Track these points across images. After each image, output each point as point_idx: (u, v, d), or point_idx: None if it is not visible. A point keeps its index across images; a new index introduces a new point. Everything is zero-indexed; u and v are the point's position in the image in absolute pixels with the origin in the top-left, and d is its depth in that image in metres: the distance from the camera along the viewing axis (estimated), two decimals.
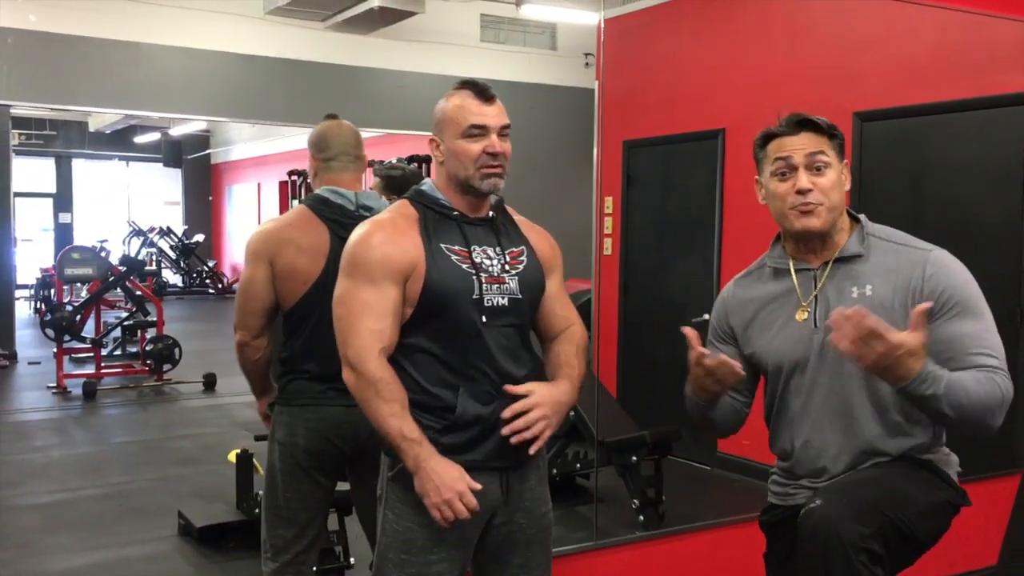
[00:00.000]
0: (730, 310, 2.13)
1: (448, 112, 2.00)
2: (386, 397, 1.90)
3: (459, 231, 2.00)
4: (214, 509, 4.50)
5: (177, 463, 5.88)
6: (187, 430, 6.87)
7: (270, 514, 2.56)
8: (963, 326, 1.86)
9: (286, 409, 2.53)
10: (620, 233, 6.19)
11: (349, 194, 2.54)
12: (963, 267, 1.93)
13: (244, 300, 2.53)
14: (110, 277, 8.65)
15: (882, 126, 4.72)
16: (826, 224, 1.96)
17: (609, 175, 6.14)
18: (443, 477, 1.88)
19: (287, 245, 2.47)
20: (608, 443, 4.37)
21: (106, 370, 8.62)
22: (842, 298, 1.95)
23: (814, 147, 1.95)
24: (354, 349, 1.91)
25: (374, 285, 1.92)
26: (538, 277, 2.07)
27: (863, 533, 1.72)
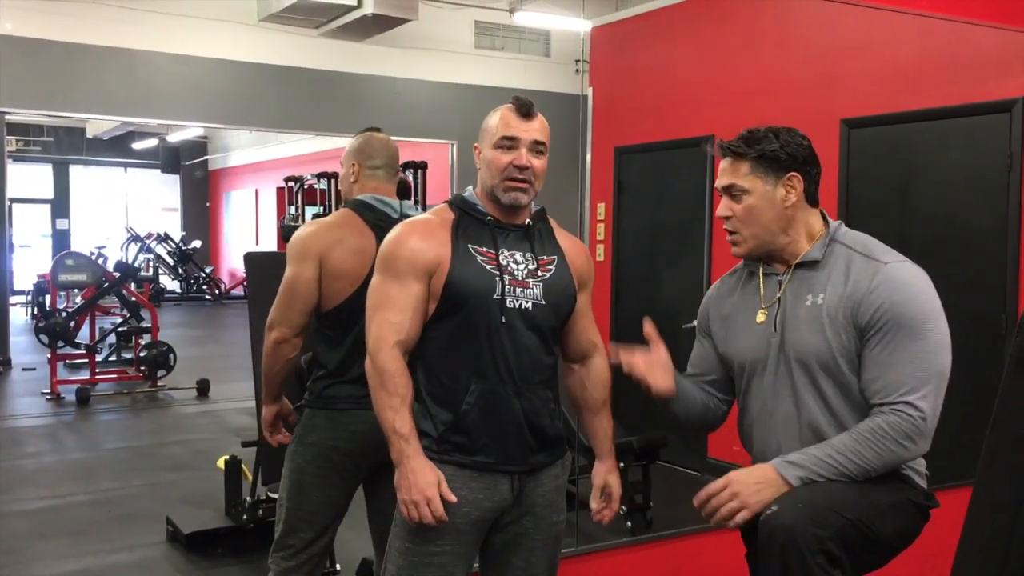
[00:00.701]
0: (710, 308, 2.18)
1: (490, 123, 2.07)
2: (388, 389, 1.96)
3: (489, 235, 2.05)
4: (203, 515, 4.51)
5: (168, 469, 5.89)
6: (179, 436, 6.87)
7: (294, 516, 2.55)
8: (889, 350, 1.85)
9: (324, 412, 2.53)
10: (611, 239, 6.20)
11: (394, 203, 2.60)
12: (919, 282, 1.90)
13: (290, 296, 2.51)
14: (104, 283, 8.65)
15: (869, 133, 4.74)
16: (752, 249, 2.01)
17: (600, 181, 6.16)
18: (418, 478, 1.93)
19: (338, 244, 2.50)
20: None
21: (100, 376, 8.61)
22: (797, 304, 1.97)
23: (726, 178, 2.00)
24: (373, 339, 1.99)
25: (399, 280, 1.99)
26: (567, 287, 2.11)
27: (819, 535, 1.73)
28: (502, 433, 2.01)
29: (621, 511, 4.35)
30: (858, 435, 1.85)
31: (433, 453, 1.99)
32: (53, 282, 8.56)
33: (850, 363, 1.90)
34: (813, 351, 1.92)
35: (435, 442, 2.00)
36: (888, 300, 1.86)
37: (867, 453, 1.83)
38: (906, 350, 1.84)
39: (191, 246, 17.68)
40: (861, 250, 1.97)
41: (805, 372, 1.94)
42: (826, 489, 1.84)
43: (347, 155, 2.67)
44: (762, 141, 1.98)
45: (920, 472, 1.98)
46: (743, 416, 2.11)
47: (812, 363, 1.92)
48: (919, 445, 1.84)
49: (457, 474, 1.99)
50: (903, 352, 1.84)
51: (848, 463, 1.83)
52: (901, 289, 1.87)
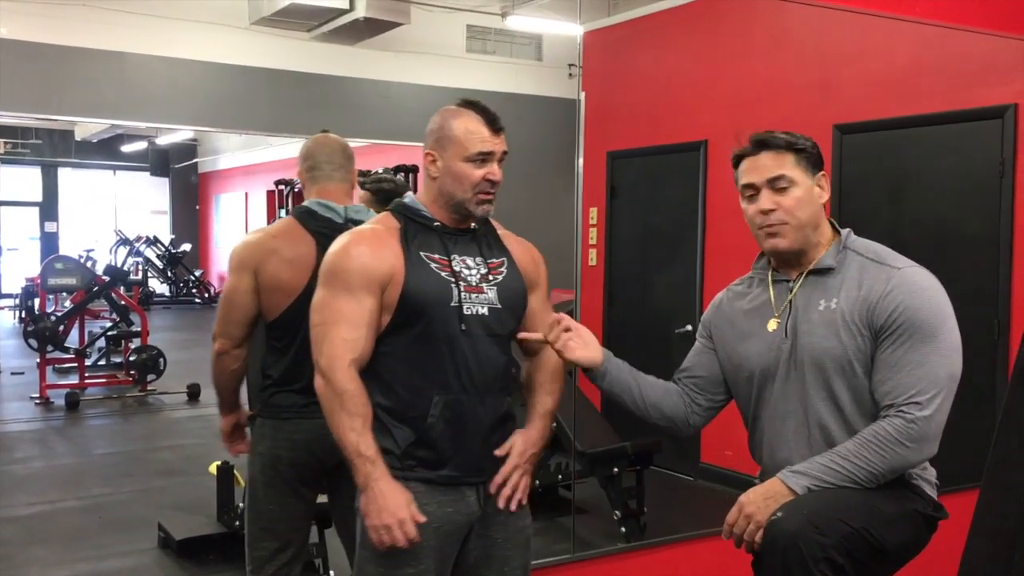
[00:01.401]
0: (717, 314, 2.17)
1: (455, 132, 1.99)
2: (349, 410, 1.89)
3: (439, 241, 2.01)
4: (194, 521, 4.48)
5: (159, 475, 5.86)
6: (170, 441, 6.84)
7: (253, 527, 2.56)
8: (907, 353, 1.84)
9: (269, 422, 2.52)
10: (604, 244, 6.20)
11: (338, 207, 2.54)
12: (932, 288, 1.90)
13: (227, 309, 2.52)
14: (94, 287, 8.61)
15: (861, 138, 4.75)
16: (794, 243, 1.97)
17: (593, 186, 6.16)
18: (388, 501, 1.87)
19: (271, 256, 2.47)
20: (589, 454, 4.37)
21: (89, 380, 8.56)
22: (809, 310, 1.97)
23: (774, 170, 1.96)
24: (326, 357, 1.91)
25: (351, 295, 1.92)
26: (519, 288, 2.08)
27: (823, 543, 1.72)
28: (467, 444, 1.98)
29: (615, 516, 4.35)
30: (863, 440, 1.84)
31: (396, 470, 1.93)
32: (42, 286, 8.51)
33: (864, 367, 1.90)
34: (829, 354, 1.91)
35: (398, 458, 1.93)
36: (903, 303, 1.87)
37: (872, 457, 1.82)
38: (918, 353, 1.84)
39: (180, 249, 17.61)
40: (873, 257, 1.97)
41: (819, 376, 1.93)
42: (831, 496, 1.83)
43: (298, 161, 2.66)
44: (797, 138, 1.98)
45: (930, 482, 1.97)
46: (753, 425, 2.09)
47: (827, 366, 1.92)
48: (924, 448, 1.84)
49: (423, 490, 1.94)
50: (914, 355, 1.84)
51: (854, 468, 1.83)
52: (916, 293, 1.88)
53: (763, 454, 2.06)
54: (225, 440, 2.72)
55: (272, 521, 2.52)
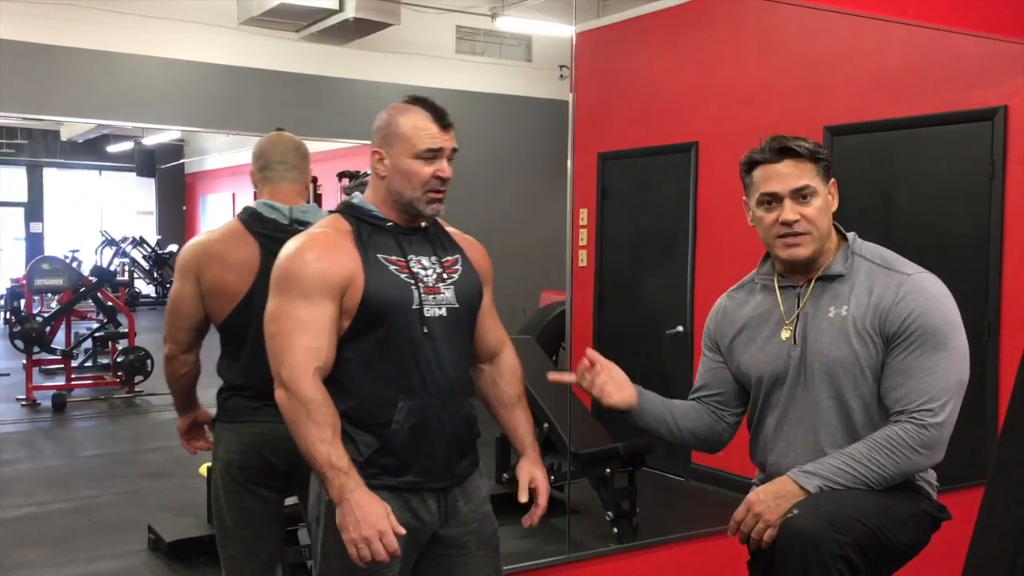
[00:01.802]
0: (719, 322, 2.15)
1: (402, 129, 1.94)
2: (318, 420, 1.82)
3: (394, 241, 1.96)
4: (184, 523, 4.46)
5: (148, 476, 5.82)
6: (158, 443, 6.79)
7: (220, 534, 2.53)
8: (919, 360, 1.85)
9: (225, 426, 2.50)
10: (595, 245, 6.21)
11: (283, 208, 2.48)
12: (942, 293, 1.91)
13: (172, 315, 2.50)
14: (81, 288, 8.55)
15: (852, 140, 4.77)
16: (813, 252, 1.96)
17: (583, 187, 6.16)
18: (366, 513, 1.79)
19: (212, 260, 2.43)
20: (582, 455, 4.37)
21: (76, 382, 8.51)
22: (819, 316, 1.96)
23: (798, 180, 1.93)
24: (288, 368, 1.84)
25: (309, 301, 1.85)
26: (475, 285, 2.06)
27: (841, 541, 1.73)
28: (431, 450, 1.94)
29: (607, 516, 4.35)
30: (874, 443, 1.85)
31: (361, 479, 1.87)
32: (28, 286, 8.45)
33: (874, 374, 1.90)
34: (840, 362, 1.92)
35: (361, 467, 1.87)
36: (916, 310, 1.87)
37: (884, 460, 1.83)
38: (929, 360, 1.85)
39: (167, 250, 17.51)
40: (882, 262, 1.97)
41: (829, 384, 1.93)
42: (845, 496, 1.83)
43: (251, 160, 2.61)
44: (818, 147, 1.97)
45: (932, 484, 1.99)
46: (757, 430, 2.09)
47: (838, 374, 1.92)
48: (935, 454, 1.85)
49: (387, 497, 1.88)
50: (926, 362, 1.85)
51: (865, 471, 1.83)
52: (928, 300, 1.88)
53: (767, 459, 2.06)
54: (182, 438, 2.71)
55: (235, 527, 2.49)
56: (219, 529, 2.53)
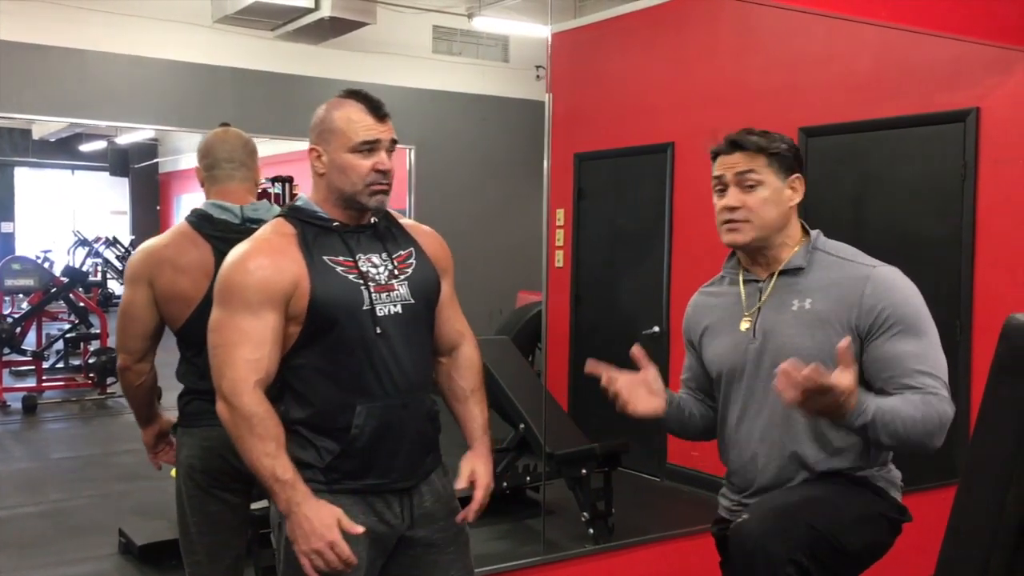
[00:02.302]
0: (692, 318, 2.17)
1: (336, 123, 1.90)
2: (260, 434, 1.78)
3: (341, 242, 1.91)
4: (156, 526, 4.41)
5: (119, 479, 5.75)
6: (130, 445, 6.69)
7: (184, 540, 2.50)
8: (903, 345, 1.86)
9: (186, 431, 2.46)
10: (571, 245, 6.20)
11: (234, 207, 2.42)
12: (909, 284, 1.94)
13: (124, 323, 2.43)
14: (52, 288, 8.45)
15: (826, 141, 4.79)
16: (752, 240, 1.98)
17: (560, 187, 6.16)
18: (314, 524, 1.77)
19: (164, 266, 2.38)
20: (558, 456, 4.37)
21: (47, 383, 8.40)
22: (781, 310, 1.98)
23: (743, 166, 1.97)
24: (228, 381, 1.80)
25: (251, 312, 1.81)
26: (431, 277, 2.02)
27: (789, 546, 1.73)
28: (393, 450, 1.91)
29: (583, 517, 4.34)
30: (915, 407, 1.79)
31: (321, 484, 1.85)
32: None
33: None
34: (802, 354, 1.89)
35: (321, 472, 1.86)
36: (887, 301, 1.88)
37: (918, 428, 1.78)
38: (916, 345, 1.86)
39: None
40: (846, 256, 1.99)
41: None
42: (798, 499, 1.84)
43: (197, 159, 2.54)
44: (773, 139, 1.99)
45: (895, 483, 1.99)
46: (721, 426, 2.10)
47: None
48: (945, 432, 1.83)
49: (349, 502, 1.86)
50: (911, 347, 1.86)
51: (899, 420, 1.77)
52: (896, 290, 1.91)
53: (730, 455, 2.07)
54: (149, 453, 2.66)
55: (199, 533, 2.45)
56: (183, 535, 2.50)
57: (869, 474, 1.96)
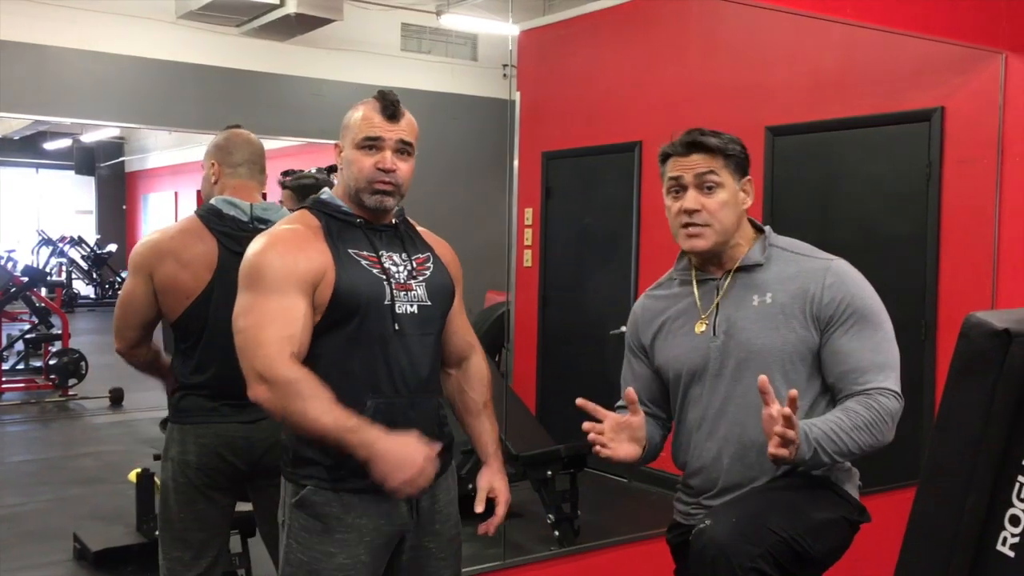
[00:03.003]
0: (640, 323, 2.12)
1: (351, 120, 1.94)
2: (308, 395, 1.74)
3: (365, 237, 1.93)
4: (112, 532, 4.31)
5: (77, 483, 5.64)
6: (90, 448, 6.61)
7: (165, 535, 2.48)
8: (858, 339, 1.87)
9: (178, 427, 2.45)
10: (539, 245, 6.16)
11: (244, 205, 2.46)
12: (862, 277, 1.94)
13: (123, 312, 2.46)
14: (11, 288, 8.30)
15: (793, 140, 4.78)
16: (714, 245, 1.96)
17: (528, 186, 6.11)
18: (400, 454, 1.75)
19: (166, 258, 2.40)
20: (523, 457, 4.31)
21: (7, 385, 8.28)
22: (742, 306, 1.95)
23: (703, 167, 1.93)
24: (261, 359, 1.76)
25: (280, 294, 1.80)
26: (447, 284, 2.02)
27: (752, 553, 1.70)
28: None
29: (548, 519, 4.30)
30: (856, 415, 1.80)
31: (325, 482, 1.85)
32: None
33: (803, 359, 1.90)
34: (768, 348, 1.90)
35: (327, 469, 1.84)
36: (846, 292, 1.89)
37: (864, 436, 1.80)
38: (871, 340, 1.87)
39: (106, 250, 17.11)
40: (800, 251, 1.99)
41: (755, 372, 1.88)
42: (760, 504, 1.81)
43: (207, 154, 2.57)
44: (728, 140, 1.96)
45: (855, 483, 1.97)
46: (679, 428, 2.06)
47: (767, 362, 1.89)
48: (893, 430, 1.85)
49: (355, 501, 1.86)
50: (867, 342, 1.87)
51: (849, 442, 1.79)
52: (854, 282, 1.92)
53: (689, 457, 2.02)
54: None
55: (184, 529, 2.44)
56: (165, 531, 2.47)
57: (831, 474, 1.93)
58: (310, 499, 1.85)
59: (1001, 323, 1.14)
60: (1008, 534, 1.14)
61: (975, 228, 4.09)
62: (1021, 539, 1.13)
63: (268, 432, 2.36)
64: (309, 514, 1.86)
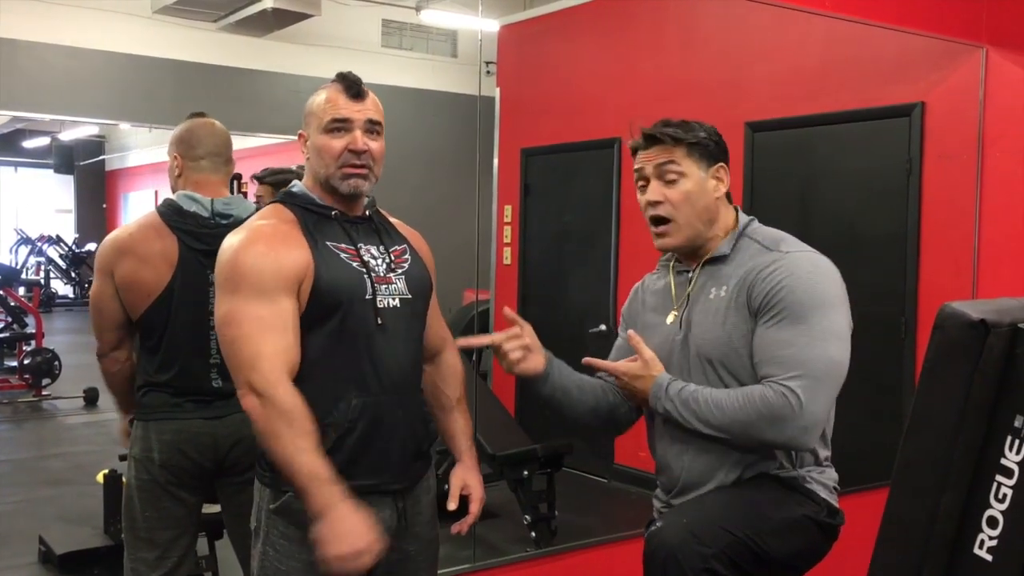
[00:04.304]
0: (631, 307, 2.12)
1: (314, 105, 1.86)
2: (299, 430, 1.68)
3: (342, 229, 1.85)
4: (79, 534, 4.22)
5: (46, 484, 5.54)
6: (61, 448, 6.50)
7: (130, 535, 2.42)
8: (775, 331, 1.78)
9: (142, 424, 2.40)
10: (518, 242, 6.10)
11: (205, 201, 2.39)
12: (817, 272, 1.83)
13: (94, 314, 2.43)
14: None
15: (772, 136, 4.74)
16: (684, 241, 1.92)
17: (507, 183, 6.05)
18: (351, 526, 1.68)
19: (126, 256, 2.35)
20: (500, 457, 4.25)
21: None
22: (701, 299, 1.92)
23: (663, 158, 1.89)
24: (260, 374, 1.69)
25: (267, 298, 1.72)
26: (426, 276, 1.96)
27: (705, 554, 1.65)
28: (386, 450, 1.83)
29: (525, 520, 4.23)
30: (737, 393, 1.78)
31: None
32: None
33: (748, 351, 1.83)
34: (714, 343, 1.85)
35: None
36: (779, 284, 1.80)
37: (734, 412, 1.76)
38: (786, 332, 1.77)
39: (85, 249, 16.95)
40: (768, 243, 1.91)
41: (708, 368, 1.86)
42: (715, 504, 1.77)
43: (169, 146, 2.48)
44: (691, 128, 1.90)
45: (827, 485, 1.90)
46: (649, 419, 2.02)
47: (714, 358, 1.85)
48: (789, 433, 1.74)
49: None
50: (782, 334, 1.77)
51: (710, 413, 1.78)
52: (794, 275, 1.81)
53: (657, 449, 1.99)
54: (123, 440, 2.58)
55: (149, 529, 2.38)
56: (129, 531, 2.42)
57: (798, 475, 1.87)
58: (291, 506, 1.77)
59: (978, 313, 1.08)
60: (985, 536, 1.08)
61: (955, 224, 4.06)
62: (999, 542, 1.07)
63: (233, 428, 2.32)
64: (290, 521, 1.78)
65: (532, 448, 4.33)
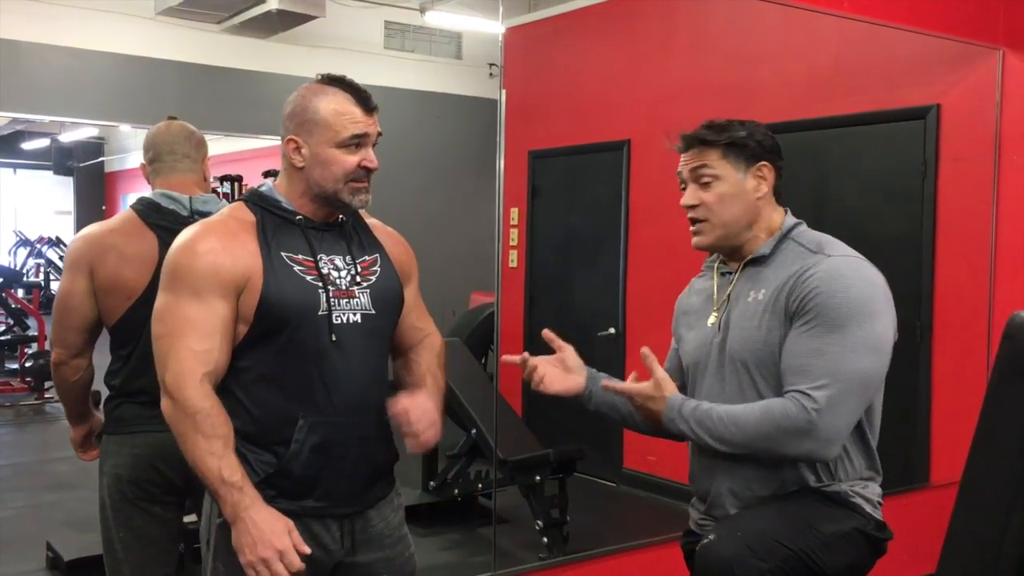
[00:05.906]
0: (678, 310, 2.10)
1: (322, 114, 1.75)
2: (206, 432, 1.64)
3: (303, 238, 1.77)
4: (87, 539, 4.16)
5: (51, 488, 5.49)
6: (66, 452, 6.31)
7: (107, 556, 2.35)
8: (807, 338, 1.74)
9: (113, 437, 2.32)
10: (525, 245, 6.06)
11: (183, 198, 2.34)
12: (858, 279, 1.80)
13: (61, 314, 2.30)
14: None
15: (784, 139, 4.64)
16: (716, 241, 1.90)
17: (514, 186, 6.01)
18: (264, 531, 1.62)
19: (109, 253, 2.26)
20: (511, 462, 4.22)
21: None
22: (740, 301, 1.89)
23: (697, 161, 1.89)
24: (172, 374, 1.66)
25: (199, 299, 1.67)
26: (395, 288, 1.87)
27: (762, 568, 1.62)
28: (335, 472, 1.76)
29: (537, 525, 4.19)
30: (755, 407, 1.75)
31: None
32: None
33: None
34: (749, 348, 1.82)
35: (257, 488, 1.70)
36: (817, 289, 1.76)
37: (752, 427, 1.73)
38: (819, 341, 1.73)
39: None
40: (812, 247, 1.87)
41: (745, 372, 1.83)
42: (767, 517, 1.73)
43: (143, 149, 2.46)
44: (729, 128, 1.89)
45: (871, 500, 1.86)
46: None
47: (748, 360, 1.82)
48: (808, 446, 1.70)
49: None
50: (815, 342, 1.73)
51: (726, 431, 1.74)
52: (834, 280, 1.77)
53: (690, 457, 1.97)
54: (77, 451, 2.54)
55: (125, 549, 2.31)
56: (107, 552, 2.35)
57: (842, 489, 1.84)
58: None
59: None
60: None
61: (972, 227, 4.03)
62: None
63: None
64: None
65: (544, 453, 4.29)
